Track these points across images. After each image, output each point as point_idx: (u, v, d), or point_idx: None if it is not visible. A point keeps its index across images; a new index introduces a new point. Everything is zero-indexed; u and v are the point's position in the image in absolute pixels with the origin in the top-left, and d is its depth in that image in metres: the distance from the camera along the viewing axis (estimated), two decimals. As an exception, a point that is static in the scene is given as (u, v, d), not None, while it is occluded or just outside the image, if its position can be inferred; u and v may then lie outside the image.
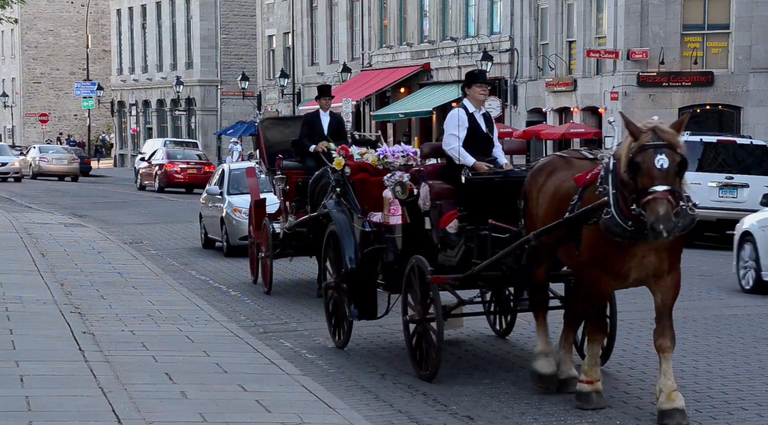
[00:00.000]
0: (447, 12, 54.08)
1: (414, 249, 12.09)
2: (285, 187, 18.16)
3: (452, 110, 12.35)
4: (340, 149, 14.23)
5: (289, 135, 19.05)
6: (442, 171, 12.36)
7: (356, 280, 13.00)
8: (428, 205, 11.99)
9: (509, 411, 10.43)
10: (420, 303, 11.76)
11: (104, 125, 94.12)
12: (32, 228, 26.85)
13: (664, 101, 42.01)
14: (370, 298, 13.11)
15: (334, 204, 13.63)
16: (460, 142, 12.03)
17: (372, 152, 13.66)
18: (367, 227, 13.03)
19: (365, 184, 13.36)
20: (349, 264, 12.96)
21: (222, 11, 77.19)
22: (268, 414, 9.55)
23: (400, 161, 13.13)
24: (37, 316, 14.00)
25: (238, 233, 23.00)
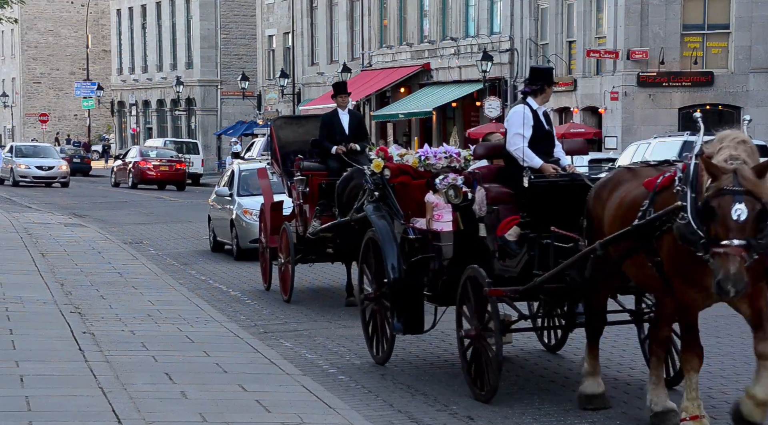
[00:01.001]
0: (447, 12, 54.08)
1: (467, 259, 11.24)
2: (305, 189, 17.32)
3: (515, 106, 11.50)
4: (379, 150, 13.25)
5: (303, 134, 18.49)
6: (499, 173, 11.48)
7: (400, 291, 12.11)
8: (484, 211, 11.12)
9: (509, 411, 10.43)
10: (476, 317, 10.87)
11: (104, 125, 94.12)
12: (32, 228, 26.85)
13: (664, 101, 42.02)
14: (416, 311, 12.20)
15: (373, 209, 12.77)
16: (525, 141, 11.14)
17: (412, 153, 12.83)
18: (410, 234, 12.17)
19: (406, 188, 12.58)
20: (392, 274, 12.08)
21: (222, 11, 77.19)
22: (268, 414, 9.55)
23: (442, 163, 12.40)
24: (37, 316, 14.00)
25: (248, 236, 22.40)
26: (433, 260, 11.81)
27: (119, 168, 58.13)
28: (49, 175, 52.75)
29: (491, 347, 10.60)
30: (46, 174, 52.54)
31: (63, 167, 53.74)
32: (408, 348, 13.55)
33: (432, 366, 12.52)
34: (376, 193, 12.81)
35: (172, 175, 54.46)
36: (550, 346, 13.12)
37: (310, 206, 17.26)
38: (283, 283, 17.69)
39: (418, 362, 12.79)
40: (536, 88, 11.43)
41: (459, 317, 11.22)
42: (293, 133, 18.74)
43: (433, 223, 11.68)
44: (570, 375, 11.83)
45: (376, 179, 12.85)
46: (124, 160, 58.35)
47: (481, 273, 10.72)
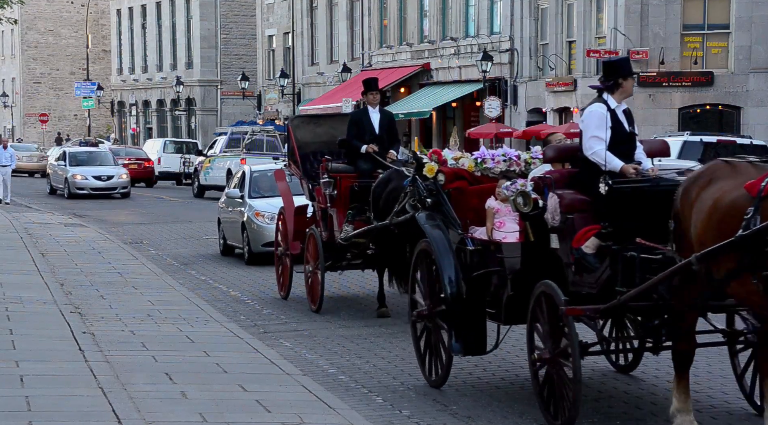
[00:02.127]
0: (447, 12, 54.08)
1: (535, 273, 10.18)
2: (333, 191, 16.29)
3: (591, 106, 10.30)
4: (432, 153, 11.97)
5: (321, 134, 17.68)
6: (573, 178, 10.32)
7: (459, 308, 10.97)
8: (558, 220, 10.00)
9: (509, 411, 10.43)
10: (550, 338, 9.76)
11: (104, 125, 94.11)
12: (32, 228, 26.85)
13: (664, 101, 42.01)
14: (478, 330, 11.09)
15: (426, 217, 11.58)
16: (604, 144, 9.97)
17: (468, 156, 11.79)
18: (469, 245, 11.08)
19: (463, 194, 11.51)
20: (449, 289, 10.93)
21: (222, 11, 77.20)
22: (268, 414, 9.55)
23: (501, 166, 11.52)
24: (37, 316, 14.00)
25: (260, 239, 21.79)
26: (496, 274, 10.79)
27: None
28: (108, 185, 45.73)
29: (568, 372, 9.49)
30: (105, 184, 45.62)
31: (123, 176, 46.38)
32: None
33: (432, 366, 12.51)
34: (428, 200, 11.67)
35: (141, 173, 56.71)
36: (622, 367, 11.89)
37: (339, 210, 16.25)
38: (312, 292, 16.63)
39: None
40: (609, 83, 10.34)
41: (530, 338, 10.13)
42: (311, 132, 17.85)
43: (495, 233, 10.75)
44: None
45: (429, 185, 11.72)
46: None
47: (556, 289, 9.62)
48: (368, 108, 16.70)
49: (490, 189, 11.09)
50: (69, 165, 46.26)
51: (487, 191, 11.17)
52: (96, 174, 45.75)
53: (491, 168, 11.60)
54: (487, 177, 11.54)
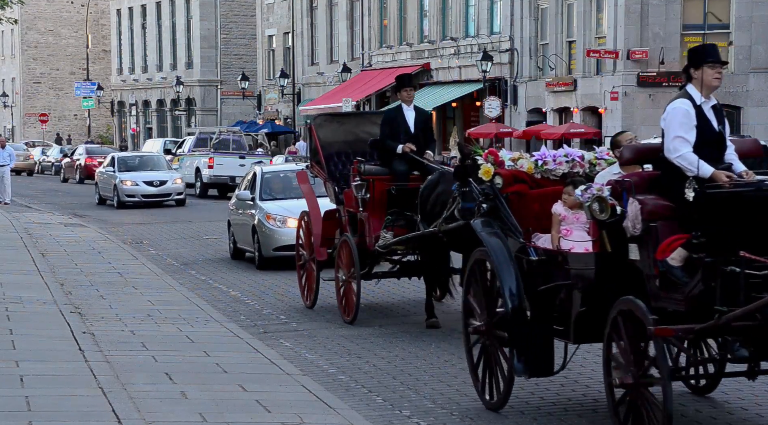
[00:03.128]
0: (447, 12, 54.10)
1: (611, 287, 9.24)
2: (365, 195, 15.30)
3: (674, 101, 9.21)
4: (488, 153, 10.96)
5: (344, 134, 16.83)
6: (654, 182, 9.27)
7: (521, 324, 9.98)
8: (639, 228, 8.93)
9: (509, 411, 10.42)
10: (633, 361, 8.70)
11: (104, 125, 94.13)
12: (32, 228, 26.85)
13: (664, 101, 41.61)
14: (544, 349, 10.07)
15: (482, 224, 10.54)
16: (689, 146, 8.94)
17: (527, 157, 10.88)
18: (532, 254, 10.10)
19: (523, 199, 10.55)
20: (510, 303, 9.94)
21: (222, 11, 77.22)
22: (268, 414, 9.55)
23: (563, 168, 10.69)
24: (37, 316, 14.00)
25: (271, 243, 21.13)
26: (564, 287, 9.77)
27: (68, 165, 62.13)
28: (161, 191, 41.02)
29: (656, 398, 8.50)
30: (157, 190, 40.88)
31: (178, 180, 41.73)
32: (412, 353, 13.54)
33: (432, 367, 12.51)
34: (484, 205, 10.65)
35: None
36: (699, 389, 10.77)
37: (372, 215, 15.31)
38: (347, 302, 15.55)
39: (418, 361, 12.78)
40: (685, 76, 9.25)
41: (607, 360, 9.10)
42: (333, 132, 16.96)
43: (562, 242, 9.91)
44: (568, 375, 11.81)
45: (485, 188, 10.70)
46: (72, 157, 62.26)
47: (642, 307, 8.57)
48: (402, 106, 15.75)
49: (553, 193, 10.27)
50: (118, 170, 41.56)
51: (549, 195, 10.33)
52: (147, 179, 40.96)
53: (552, 170, 10.72)
54: (548, 179, 10.67)
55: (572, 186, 9.95)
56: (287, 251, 20.49)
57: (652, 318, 8.44)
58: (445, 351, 13.35)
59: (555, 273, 9.80)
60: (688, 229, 8.70)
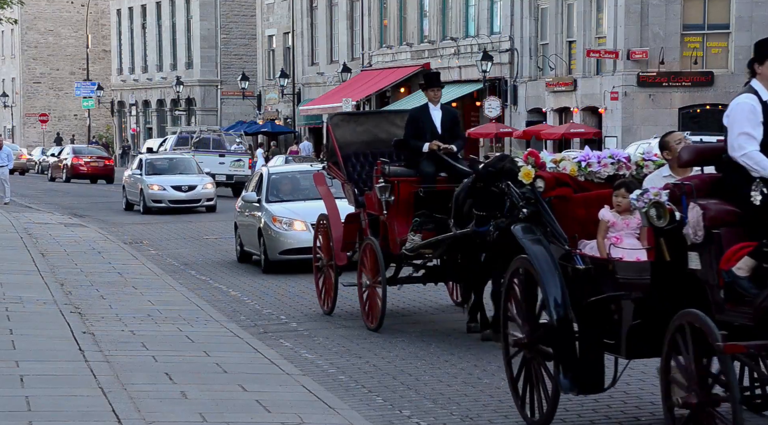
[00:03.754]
0: (447, 12, 54.11)
1: (670, 299, 8.64)
2: (390, 197, 14.65)
3: (738, 97, 8.71)
4: (528, 154, 10.29)
5: (362, 134, 16.27)
6: (716, 185, 8.64)
7: (568, 337, 9.36)
8: (700, 236, 8.28)
9: (509, 411, 10.41)
10: (696, 380, 8.06)
11: (104, 125, 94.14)
12: (32, 228, 26.85)
13: (664, 101, 42.02)
14: (593, 363, 9.40)
15: (523, 230, 9.94)
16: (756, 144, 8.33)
17: (569, 159, 10.23)
18: (579, 263, 9.41)
19: (567, 203, 9.92)
20: (556, 314, 9.28)
21: (222, 11, 77.22)
22: (268, 414, 9.55)
23: (608, 170, 10.05)
24: (37, 316, 14.00)
25: (277, 246, 20.65)
26: (616, 299, 9.14)
27: (54, 165, 64.78)
28: (190, 197, 38.30)
29: (725, 418, 7.92)
30: (186, 196, 38.19)
31: (209, 185, 38.92)
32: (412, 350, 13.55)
33: (432, 367, 12.51)
34: (524, 209, 10.04)
35: (101, 170, 61.31)
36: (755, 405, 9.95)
37: (398, 218, 14.68)
38: (370, 308, 14.96)
39: (418, 361, 12.78)
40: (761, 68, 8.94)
41: (666, 377, 8.44)
42: (351, 132, 16.35)
43: (613, 249, 9.27)
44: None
45: (525, 192, 10.07)
46: (59, 157, 64.99)
47: (708, 322, 7.91)
48: (429, 105, 15.09)
49: (599, 197, 9.70)
50: (145, 174, 38.95)
51: (594, 199, 9.73)
52: (175, 183, 38.31)
53: (597, 172, 10.07)
54: (592, 182, 10.04)
55: (625, 188, 9.34)
56: (294, 254, 20.39)
57: (721, 333, 7.80)
58: (445, 351, 13.35)
59: (603, 283, 9.18)
60: (756, 236, 8.08)
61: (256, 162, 56.55)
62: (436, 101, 15.06)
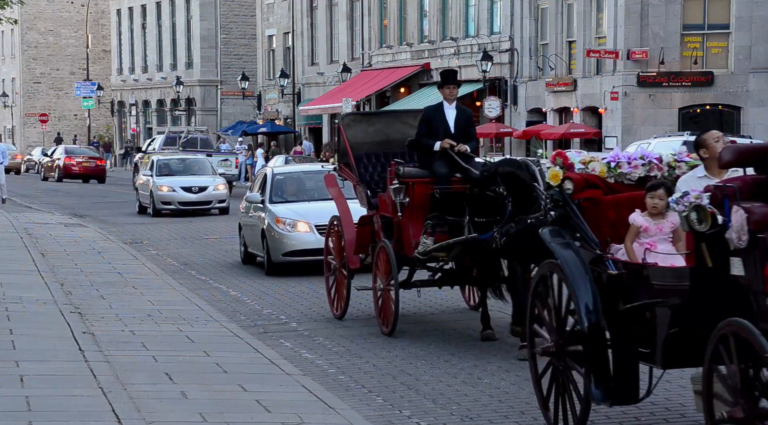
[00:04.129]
0: (447, 12, 54.11)
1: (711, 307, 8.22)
2: (404, 199, 14.29)
3: None
4: (556, 155, 9.95)
5: (374, 134, 15.95)
6: (760, 187, 8.28)
7: (599, 345, 8.96)
8: (745, 240, 7.90)
9: (509, 411, 10.42)
10: (742, 393, 7.68)
11: (104, 125, 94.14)
12: (32, 228, 26.85)
13: (664, 101, 42.02)
14: (627, 374, 9.02)
15: (551, 233, 9.58)
16: None
17: (598, 159, 9.89)
18: (611, 268, 9.02)
19: (597, 206, 9.55)
20: (587, 321, 8.88)
21: (222, 11, 77.21)
22: (268, 414, 9.55)
23: (639, 171, 9.66)
24: (37, 316, 14.00)
25: (281, 248, 20.24)
26: (651, 306, 8.70)
27: (47, 165, 66.60)
28: (201, 198, 36.62)
29: None
30: (196, 197, 36.51)
31: (221, 186, 37.33)
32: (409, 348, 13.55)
33: (432, 367, 12.51)
34: (551, 212, 9.74)
35: (93, 170, 63.02)
36: None
37: (413, 220, 14.32)
38: (384, 313, 14.60)
39: (418, 361, 12.78)
40: None
41: (708, 389, 8.00)
42: (363, 132, 16.04)
43: (648, 255, 8.88)
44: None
45: (554, 194, 9.73)
46: (51, 157, 66.77)
47: (755, 332, 7.51)
48: (443, 104, 14.65)
49: (630, 199, 9.32)
50: (156, 175, 37.33)
51: (625, 202, 9.37)
52: (185, 185, 36.64)
53: (627, 173, 9.68)
54: (622, 184, 9.66)
55: (664, 190, 8.97)
56: (297, 256, 20.18)
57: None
58: (445, 351, 13.35)
59: (637, 290, 8.76)
60: None
61: (255, 162, 56.98)
62: (451, 99, 14.61)
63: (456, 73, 15.71)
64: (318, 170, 22.95)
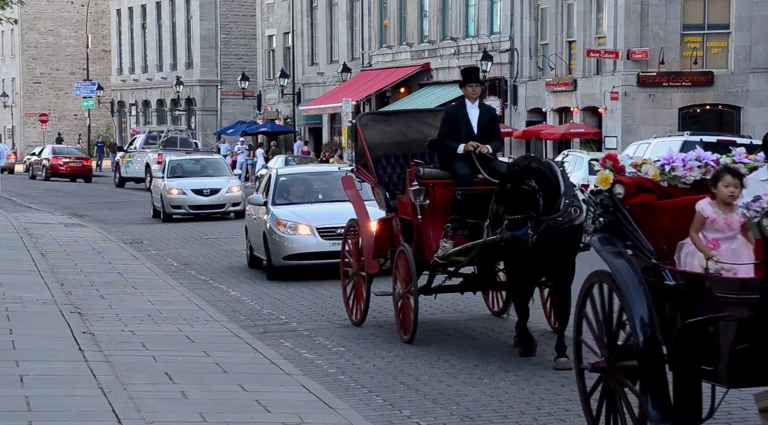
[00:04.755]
0: (447, 12, 54.10)
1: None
2: (424, 201, 13.81)
3: None
4: (606, 158, 9.22)
5: (393, 134, 15.48)
6: None
7: (656, 361, 8.28)
8: None
9: (509, 411, 10.42)
10: None
11: (104, 125, 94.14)
12: (32, 228, 26.85)
13: (664, 101, 42.01)
14: (689, 393, 8.50)
15: (601, 241, 8.93)
16: None
17: (651, 162, 9.23)
18: (668, 279, 8.32)
19: (651, 211, 8.91)
20: (642, 335, 8.24)
21: (222, 11, 77.20)
22: (268, 414, 9.55)
23: (694, 174, 8.97)
24: (37, 316, 14.00)
25: (281, 252, 19.70)
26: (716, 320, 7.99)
27: (35, 163, 67.83)
28: (213, 202, 34.26)
29: None
30: (208, 200, 34.15)
31: (235, 188, 34.77)
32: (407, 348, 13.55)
33: (432, 367, 12.51)
34: (600, 218, 9.04)
35: (80, 170, 64.02)
36: None
37: (433, 223, 13.86)
38: (404, 320, 14.12)
39: (418, 361, 12.78)
40: None
41: None
42: (381, 132, 15.55)
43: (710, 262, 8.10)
44: (570, 375, 11.81)
45: (603, 199, 9.06)
46: (39, 156, 67.89)
47: None
48: (466, 103, 14.15)
49: (686, 204, 8.71)
50: (167, 177, 35.06)
51: (681, 207, 8.78)
52: (196, 187, 34.31)
53: (682, 176, 9.00)
54: (675, 188, 9.03)
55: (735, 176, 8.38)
56: (298, 260, 19.70)
57: None
58: (445, 351, 13.34)
59: (698, 302, 8.08)
60: None
61: (255, 162, 57.18)
62: (474, 98, 14.09)
63: (478, 70, 15.24)
64: (322, 171, 22.82)
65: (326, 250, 19.33)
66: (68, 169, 64.37)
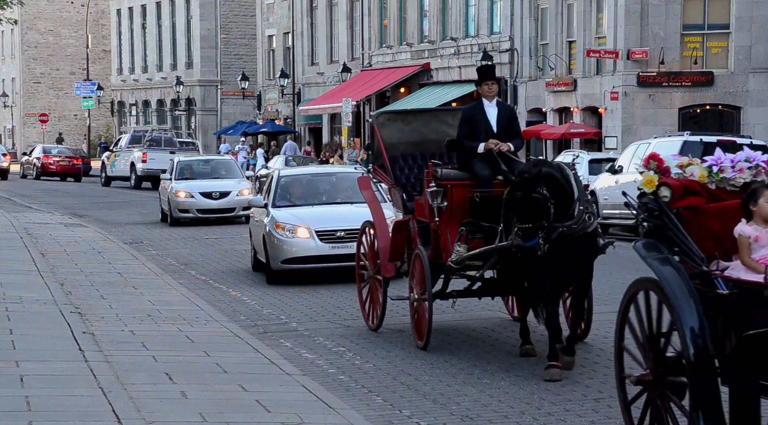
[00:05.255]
0: (447, 12, 54.10)
1: None
2: (442, 203, 13.43)
3: None
4: (650, 158, 8.79)
5: (410, 134, 15.11)
6: None
7: (708, 374, 7.81)
8: None
9: (509, 411, 10.42)
10: None
11: (104, 125, 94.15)
12: (32, 228, 26.85)
13: (664, 101, 42.00)
14: (746, 410, 7.99)
15: (647, 247, 8.47)
16: None
17: (698, 163, 8.75)
18: (721, 287, 7.90)
19: (699, 216, 8.45)
20: (692, 347, 7.76)
21: (222, 11, 77.21)
22: (268, 414, 9.55)
23: (744, 176, 8.53)
24: (37, 316, 14.00)
25: (280, 255, 19.28)
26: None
27: (26, 163, 68.92)
28: (222, 205, 32.52)
29: None
30: (217, 204, 32.45)
31: (246, 191, 32.60)
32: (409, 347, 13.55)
33: (432, 367, 12.51)
34: (645, 223, 8.62)
35: (70, 169, 64.56)
36: None
37: (451, 226, 13.48)
38: (418, 325, 13.72)
39: (418, 361, 12.77)
40: None
41: None
42: (398, 131, 15.16)
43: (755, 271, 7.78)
44: (570, 375, 11.82)
45: (648, 202, 8.62)
46: (30, 155, 68.90)
47: None
48: (484, 102, 13.78)
49: (735, 208, 8.27)
50: (175, 178, 33.37)
51: (731, 211, 8.29)
52: (205, 189, 32.58)
53: (731, 178, 8.54)
54: (724, 190, 8.56)
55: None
56: (297, 264, 19.36)
57: None
58: (445, 351, 13.34)
59: (754, 312, 7.64)
60: None
61: (255, 162, 57.21)
62: (491, 96, 13.72)
63: (494, 68, 14.71)
64: (324, 172, 22.68)
65: (326, 254, 19.19)
66: (58, 167, 65.19)
